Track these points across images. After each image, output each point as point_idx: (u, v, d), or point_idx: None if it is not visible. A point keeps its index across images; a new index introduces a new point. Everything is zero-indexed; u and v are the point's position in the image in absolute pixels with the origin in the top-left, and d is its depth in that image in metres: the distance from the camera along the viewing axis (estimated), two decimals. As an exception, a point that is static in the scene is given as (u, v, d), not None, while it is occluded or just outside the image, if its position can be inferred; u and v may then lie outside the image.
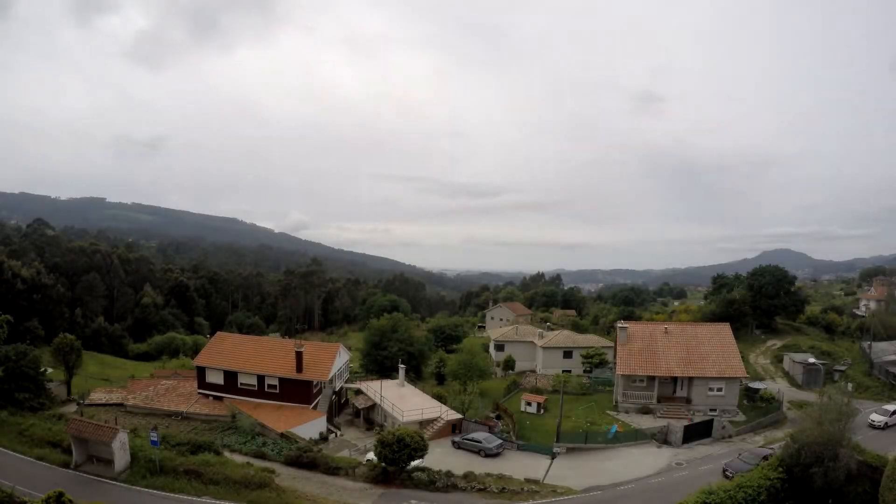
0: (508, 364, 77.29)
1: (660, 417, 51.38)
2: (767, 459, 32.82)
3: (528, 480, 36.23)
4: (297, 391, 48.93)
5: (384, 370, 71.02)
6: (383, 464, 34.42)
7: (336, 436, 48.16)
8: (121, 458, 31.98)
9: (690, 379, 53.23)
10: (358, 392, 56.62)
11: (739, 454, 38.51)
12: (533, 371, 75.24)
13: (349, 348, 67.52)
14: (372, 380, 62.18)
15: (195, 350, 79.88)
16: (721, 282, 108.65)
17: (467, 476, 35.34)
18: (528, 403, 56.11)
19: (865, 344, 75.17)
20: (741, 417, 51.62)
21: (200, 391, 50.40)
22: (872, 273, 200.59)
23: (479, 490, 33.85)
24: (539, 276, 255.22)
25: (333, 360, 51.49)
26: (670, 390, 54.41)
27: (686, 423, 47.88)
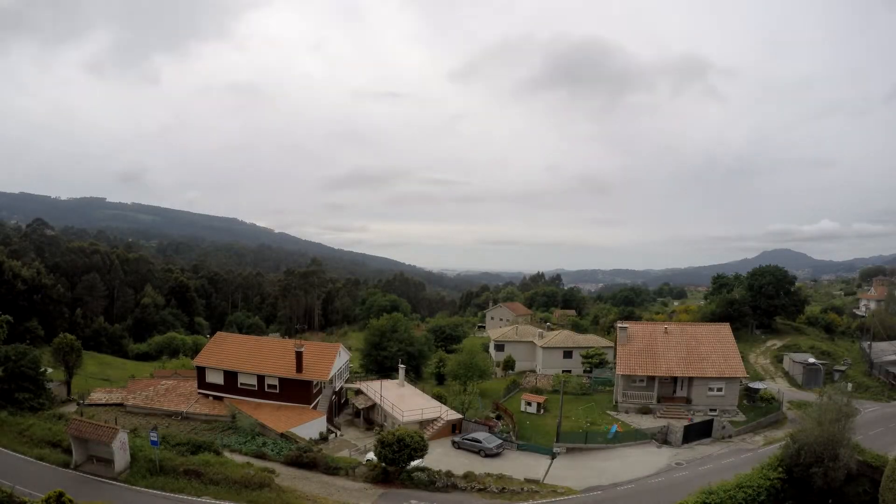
0: (508, 364, 77.30)
1: (660, 417, 51.38)
2: None
3: (528, 480, 36.23)
4: (297, 391, 48.93)
5: (384, 370, 71.06)
6: (383, 464, 34.41)
7: (336, 436, 48.16)
8: (121, 458, 31.94)
9: (690, 379, 53.23)
10: (358, 392, 56.63)
11: None
12: (533, 371, 75.25)
13: (349, 348, 67.50)
14: (372, 380, 62.21)
15: (195, 350, 79.84)
16: (721, 282, 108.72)
17: (467, 476, 35.34)
18: (528, 403, 56.11)
19: (865, 344, 75.23)
20: (741, 417, 51.62)
21: (200, 391, 50.39)
22: (872, 273, 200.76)
23: (479, 490, 33.85)
24: (539, 276, 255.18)
25: (333, 360, 51.48)
26: (670, 390, 54.41)
27: (686, 423, 47.89)
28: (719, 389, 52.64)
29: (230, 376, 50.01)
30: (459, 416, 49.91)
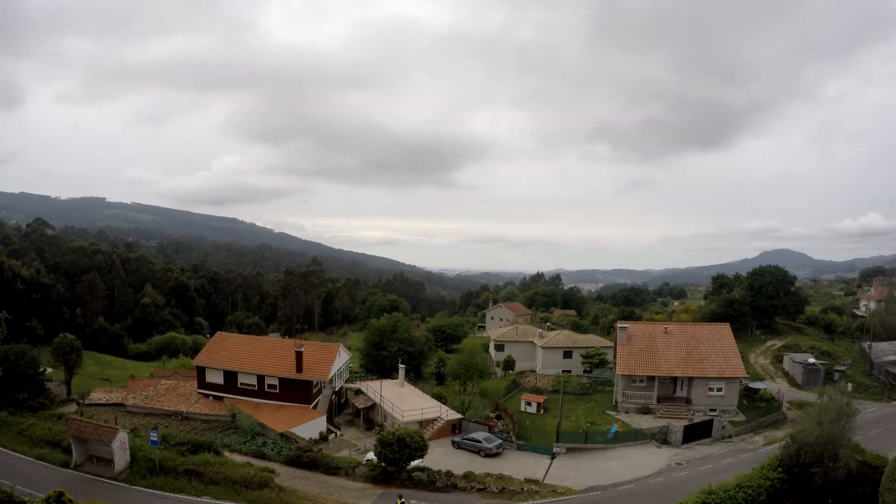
0: (508, 364, 77.27)
1: (660, 417, 51.37)
2: None
3: (527, 480, 36.22)
4: (297, 391, 48.94)
5: (384, 370, 71.01)
6: (383, 464, 34.42)
7: (336, 436, 48.16)
8: (121, 458, 31.94)
9: (690, 379, 53.21)
10: (358, 392, 56.61)
11: None
12: (533, 371, 75.22)
13: (349, 348, 67.49)
14: (372, 380, 62.18)
15: (195, 350, 79.87)
16: (721, 282, 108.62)
17: (467, 476, 35.33)
18: (528, 403, 56.11)
19: (865, 344, 75.20)
20: (741, 417, 51.63)
21: (200, 391, 50.39)
22: (872, 273, 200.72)
23: (479, 490, 33.83)
24: (539, 276, 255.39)
25: (333, 360, 51.49)
26: (670, 390, 54.39)
27: (686, 423, 47.86)
28: (719, 389, 52.62)
29: (230, 376, 50.01)
30: (459, 416, 49.90)
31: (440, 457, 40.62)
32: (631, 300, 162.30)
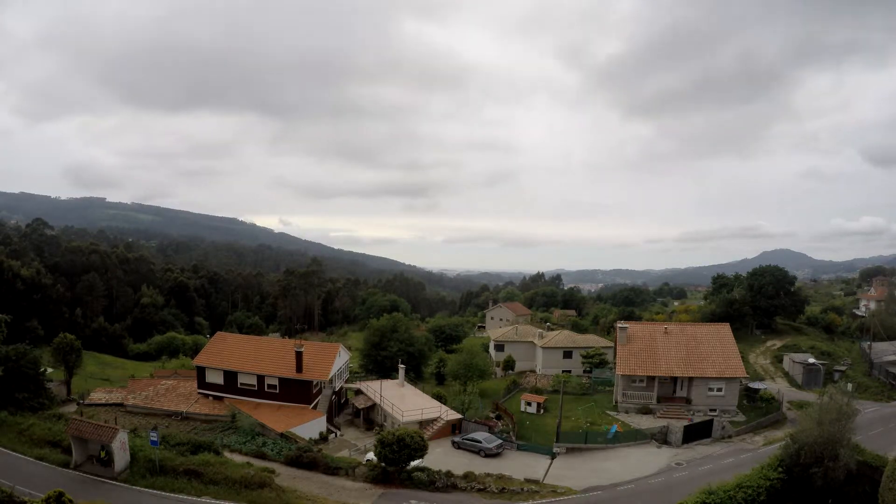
0: (508, 364, 77.29)
1: (660, 417, 51.37)
2: None
3: (527, 480, 36.23)
4: (296, 391, 48.94)
5: (384, 370, 71.02)
6: (383, 464, 34.42)
7: (336, 436, 48.18)
8: (121, 458, 31.94)
9: (690, 379, 53.22)
10: (358, 392, 56.63)
11: None
12: (533, 371, 75.25)
13: (349, 348, 67.47)
14: (372, 380, 62.20)
15: (195, 350, 79.87)
16: (721, 282, 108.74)
17: (467, 476, 35.34)
18: (528, 403, 56.11)
19: (865, 344, 75.24)
20: (741, 417, 51.63)
21: (200, 391, 50.39)
22: (872, 273, 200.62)
23: (479, 490, 33.84)
24: (539, 276, 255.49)
25: (333, 360, 51.49)
26: (670, 390, 54.40)
27: (686, 423, 47.89)
28: (719, 389, 52.62)
29: (230, 376, 50.01)
30: (459, 416, 49.91)
31: (440, 457, 40.63)
32: (631, 300, 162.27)
